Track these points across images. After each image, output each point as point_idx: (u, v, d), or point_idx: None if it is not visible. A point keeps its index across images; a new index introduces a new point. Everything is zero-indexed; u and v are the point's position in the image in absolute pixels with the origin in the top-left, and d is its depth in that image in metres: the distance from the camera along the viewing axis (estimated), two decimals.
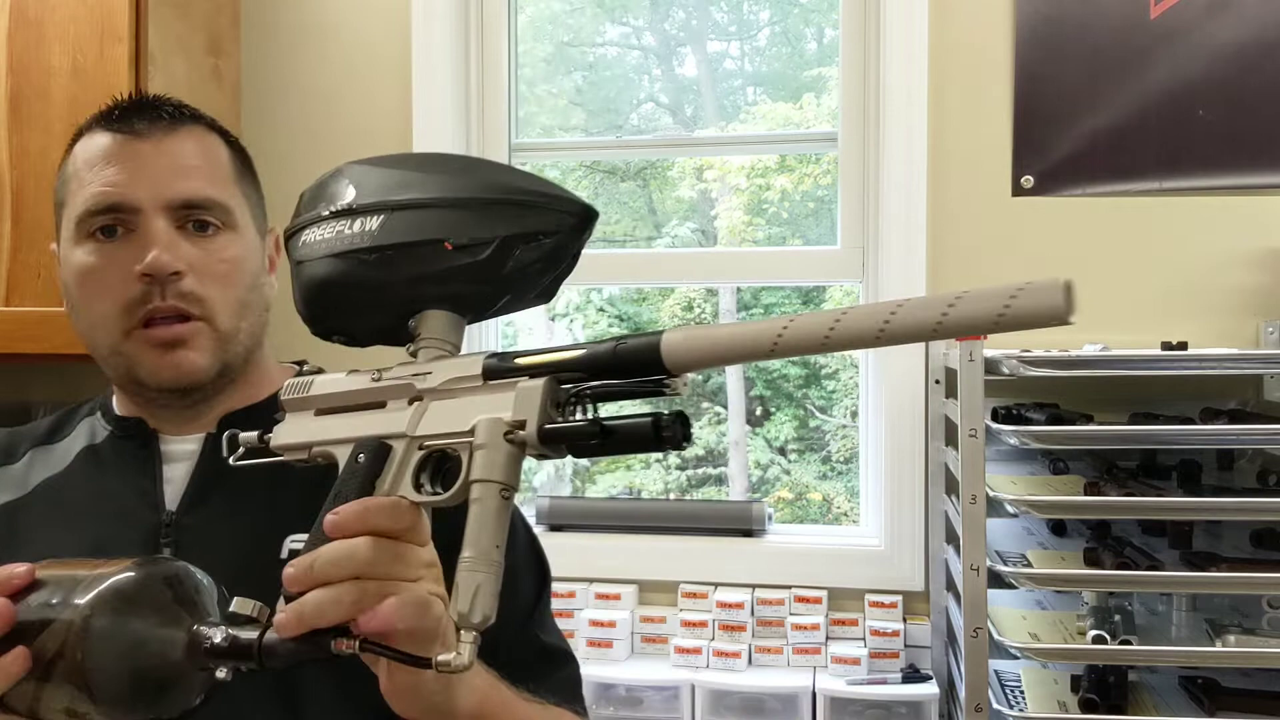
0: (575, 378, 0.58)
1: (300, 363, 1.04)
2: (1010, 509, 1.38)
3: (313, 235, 0.67)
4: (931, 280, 1.76)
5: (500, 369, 0.61)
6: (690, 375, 0.57)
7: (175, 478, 0.90)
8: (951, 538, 1.65)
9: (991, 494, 1.38)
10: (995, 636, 1.38)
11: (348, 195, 0.67)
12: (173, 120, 0.89)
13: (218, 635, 0.63)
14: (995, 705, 1.38)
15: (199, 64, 1.86)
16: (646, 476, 3.14)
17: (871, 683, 1.65)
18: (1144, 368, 1.48)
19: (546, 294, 0.70)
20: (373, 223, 0.65)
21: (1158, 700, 1.42)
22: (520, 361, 0.60)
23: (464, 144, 1.98)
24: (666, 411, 0.55)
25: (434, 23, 1.93)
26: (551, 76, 2.29)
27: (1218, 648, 1.34)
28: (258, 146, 1.99)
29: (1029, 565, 1.42)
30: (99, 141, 0.88)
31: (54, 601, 0.65)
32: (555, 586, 1.01)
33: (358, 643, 0.59)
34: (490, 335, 2.04)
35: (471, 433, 0.59)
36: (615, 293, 3.26)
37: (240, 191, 0.94)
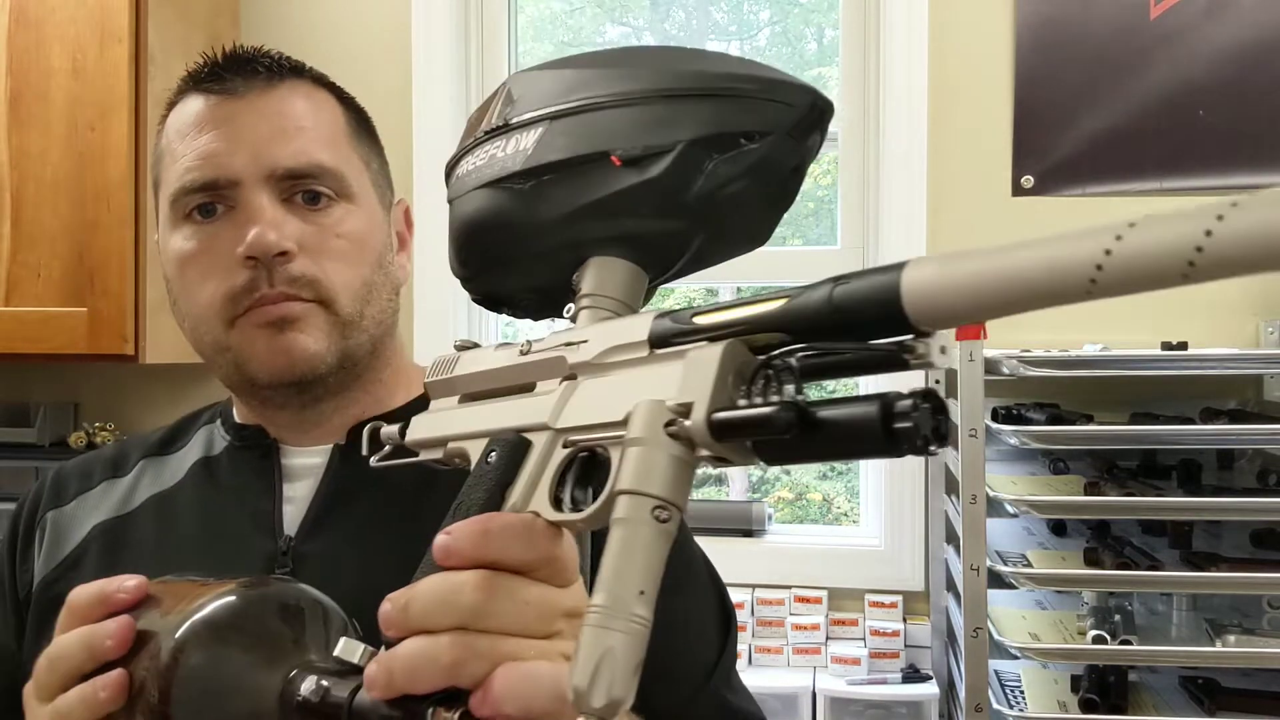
0: (775, 341, 0.39)
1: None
2: (1010, 509, 1.38)
3: (466, 165, 0.52)
4: None
5: (673, 331, 0.42)
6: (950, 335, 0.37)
7: (297, 497, 0.78)
8: (951, 538, 1.65)
9: (991, 494, 1.38)
10: (995, 636, 1.38)
11: (505, 109, 0.51)
12: (271, 74, 0.76)
13: (308, 687, 0.50)
14: (995, 705, 1.37)
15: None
16: None
17: (871, 683, 1.65)
18: (1144, 368, 1.48)
19: (759, 233, 0.51)
20: (528, 139, 0.48)
21: (1158, 700, 1.42)
22: (699, 320, 0.41)
23: None
24: (907, 392, 0.36)
25: (434, 23, 1.93)
26: None
27: (1218, 648, 1.34)
28: None
29: (1029, 565, 1.42)
30: (191, 106, 0.76)
31: (152, 627, 0.54)
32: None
33: (457, 715, 0.43)
34: (491, 336, 2.04)
35: (625, 423, 0.41)
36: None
37: (358, 156, 0.79)
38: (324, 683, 0.50)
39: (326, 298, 0.74)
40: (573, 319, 0.49)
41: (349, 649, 0.49)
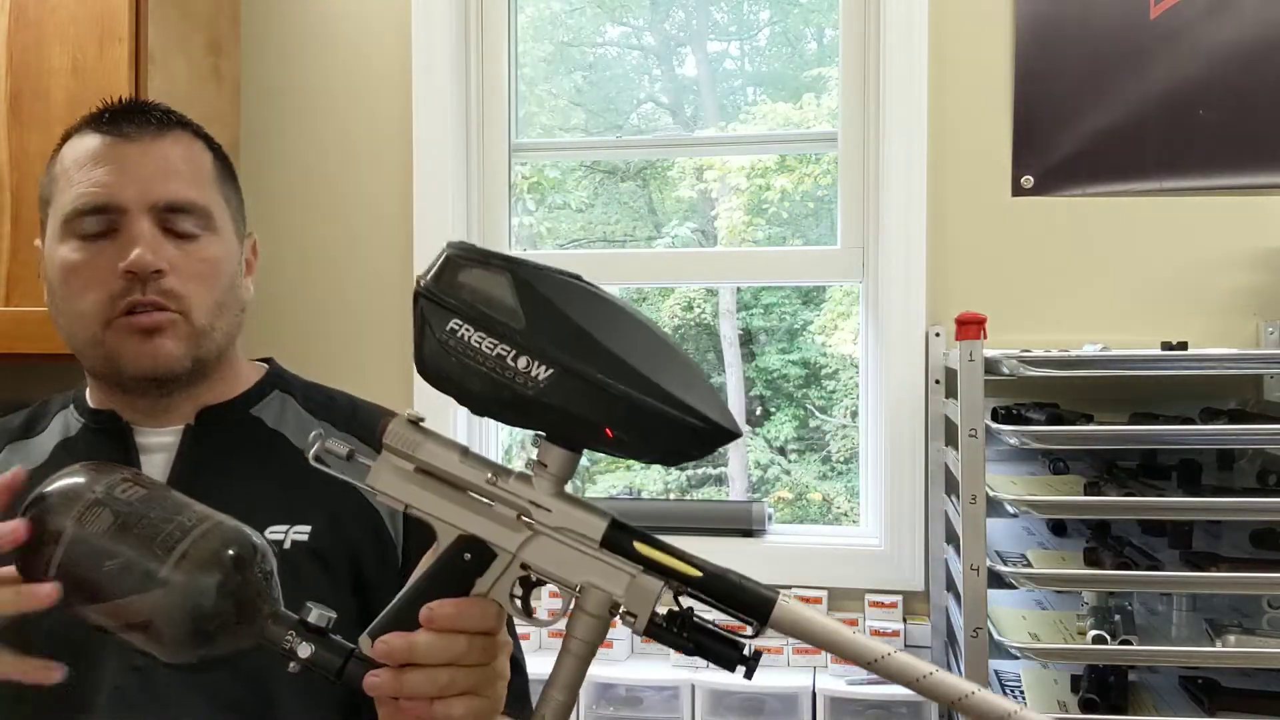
0: (682, 588, 0.66)
1: (267, 360, 1.06)
2: (1010, 509, 1.38)
3: (468, 334, 0.65)
4: (931, 280, 1.76)
5: (620, 548, 0.66)
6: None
7: (152, 470, 0.91)
8: (951, 538, 1.65)
9: (991, 494, 1.38)
10: (995, 636, 1.38)
11: (515, 319, 0.65)
12: (160, 125, 0.92)
13: (304, 650, 0.68)
14: None
15: (199, 64, 1.86)
16: (646, 476, 3.14)
17: (871, 683, 1.65)
18: (1144, 368, 1.48)
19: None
20: (539, 370, 0.64)
21: (1158, 700, 1.42)
22: (641, 550, 0.66)
23: (464, 143, 1.98)
24: (748, 650, 0.66)
25: (434, 23, 1.93)
26: (551, 76, 2.29)
27: (1218, 648, 1.34)
28: (258, 146, 2.00)
29: (1029, 565, 1.42)
30: (88, 143, 0.91)
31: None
32: (554, 587, 0.99)
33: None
34: None
35: (578, 590, 0.66)
36: (614, 292, 3.25)
37: (221, 196, 0.96)
38: (317, 649, 0.68)
39: (186, 310, 0.90)
40: (531, 471, 0.68)
41: (320, 617, 0.69)
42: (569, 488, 0.69)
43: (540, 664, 0.79)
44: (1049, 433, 1.41)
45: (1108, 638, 1.34)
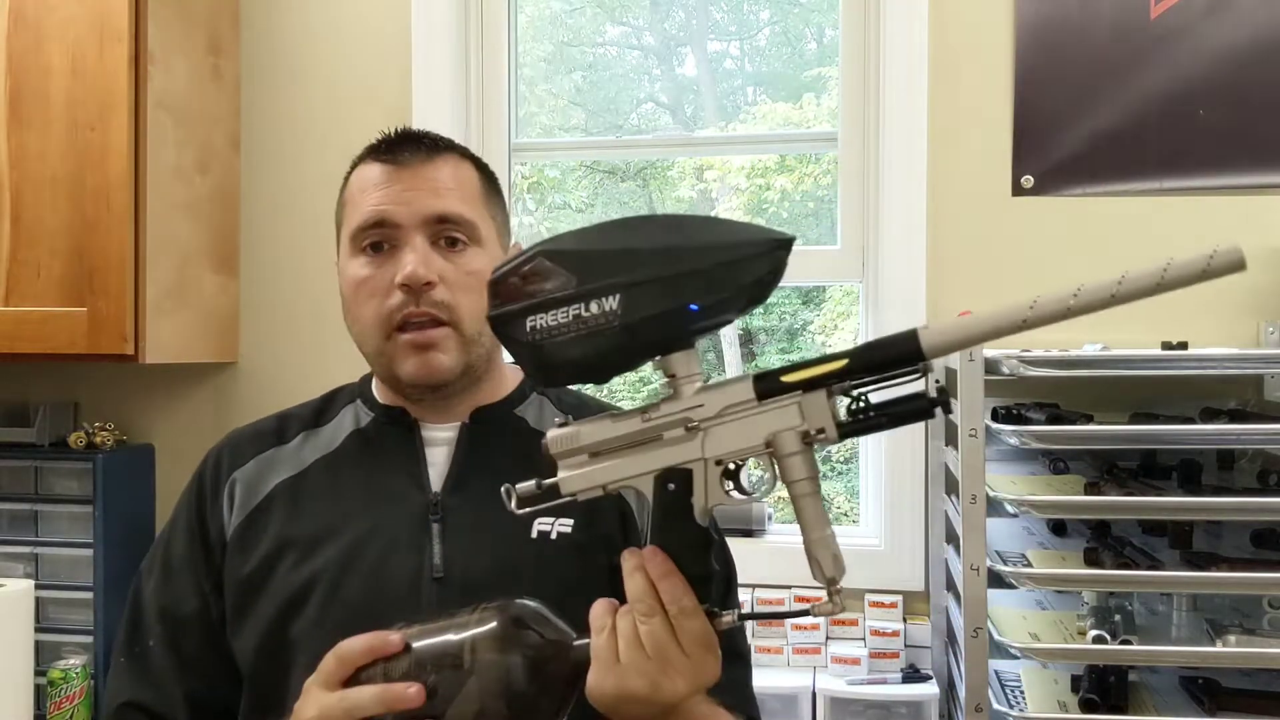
0: (842, 384, 0.72)
1: None
2: (1010, 509, 1.38)
3: (543, 320, 0.75)
4: (931, 280, 1.76)
5: (774, 389, 0.73)
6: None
7: (437, 462, 1.02)
8: (951, 538, 1.65)
9: (991, 494, 1.38)
10: (995, 636, 1.38)
11: (568, 282, 0.75)
12: (431, 149, 1.02)
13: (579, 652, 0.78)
14: (995, 705, 1.37)
15: (199, 64, 1.86)
16: None
17: (871, 683, 1.65)
18: (1144, 368, 1.48)
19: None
20: (609, 302, 0.73)
21: (1158, 700, 1.42)
22: (789, 379, 0.73)
23: (464, 143, 1.97)
24: (932, 388, 0.72)
25: (434, 23, 1.93)
26: (551, 76, 2.29)
27: (1218, 648, 1.34)
28: (258, 146, 2.00)
29: (1029, 565, 1.42)
30: (370, 170, 1.01)
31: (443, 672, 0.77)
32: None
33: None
34: None
35: (767, 445, 0.73)
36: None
37: (487, 212, 1.04)
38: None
39: (456, 320, 0.98)
40: (671, 390, 0.76)
41: (582, 647, 0.77)
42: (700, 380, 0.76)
43: None
44: (1049, 433, 1.41)
45: (1108, 638, 1.34)
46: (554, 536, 0.98)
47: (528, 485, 0.79)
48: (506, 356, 1.15)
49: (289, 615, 0.95)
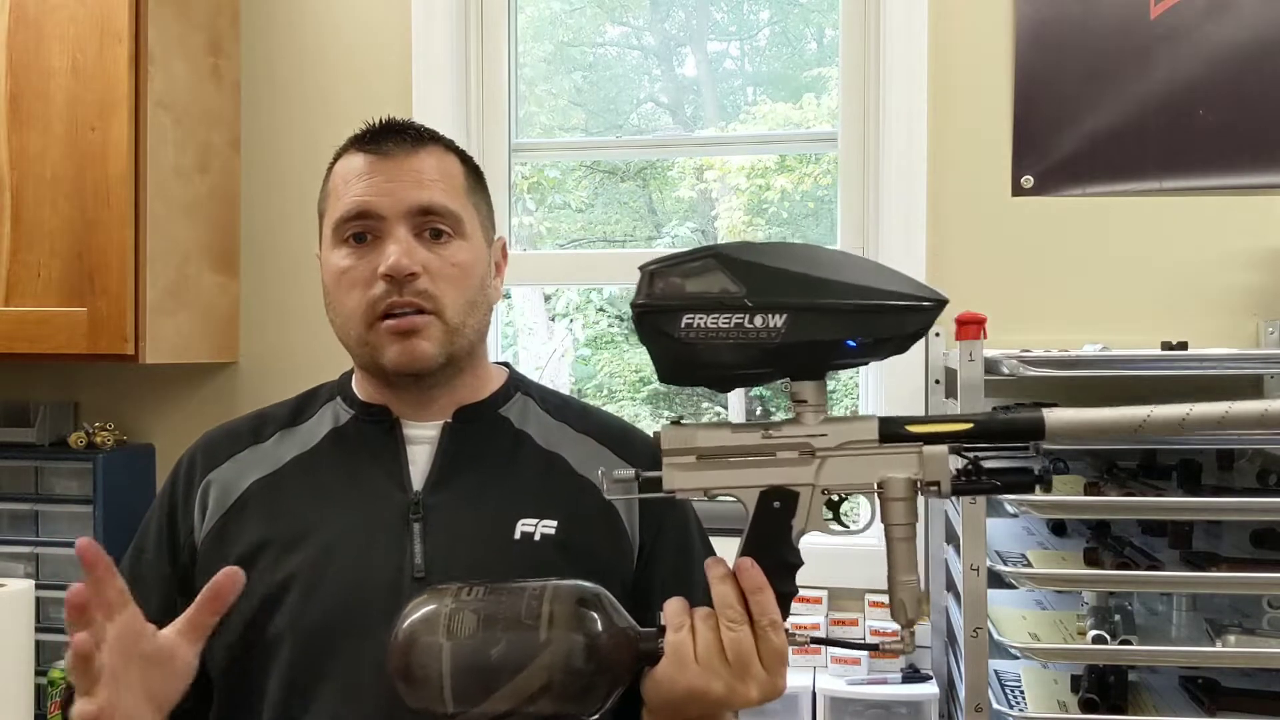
0: (961, 444, 0.76)
1: (504, 363, 1.14)
2: (1010, 509, 1.38)
3: (703, 320, 0.77)
4: (931, 280, 1.76)
5: (898, 435, 0.77)
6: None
7: (419, 461, 1.01)
8: (951, 538, 1.65)
9: None
10: (995, 636, 1.38)
11: (738, 290, 0.76)
12: (415, 141, 1.01)
13: (648, 643, 0.80)
14: (995, 705, 1.37)
15: (199, 64, 1.86)
16: None
17: (871, 683, 1.65)
18: (1144, 368, 1.48)
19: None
20: (775, 320, 0.76)
21: (1158, 700, 1.42)
22: (913, 430, 0.76)
23: (464, 143, 1.97)
24: (1037, 466, 0.75)
25: (434, 23, 1.93)
26: (551, 76, 2.29)
27: (1218, 648, 1.34)
28: (258, 146, 2.00)
29: (1029, 565, 1.42)
30: (354, 160, 1.01)
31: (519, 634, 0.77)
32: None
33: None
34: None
35: (879, 486, 0.77)
36: (615, 292, 3.25)
37: (471, 203, 1.03)
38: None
39: (440, 310, 0.98)
40: (797, 413, 0.79)
41: (649, 639, 0.79)
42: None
43: None
44: None
45: (1108, 638, 1.34)
46: (537, 538, 0.97)
47: (625, 473, 0.81)
48: (491, 355, 1.15)
49: (266, 614, 0.94)
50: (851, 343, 0.75)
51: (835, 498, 0.79)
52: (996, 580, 1.37)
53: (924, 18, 1.76)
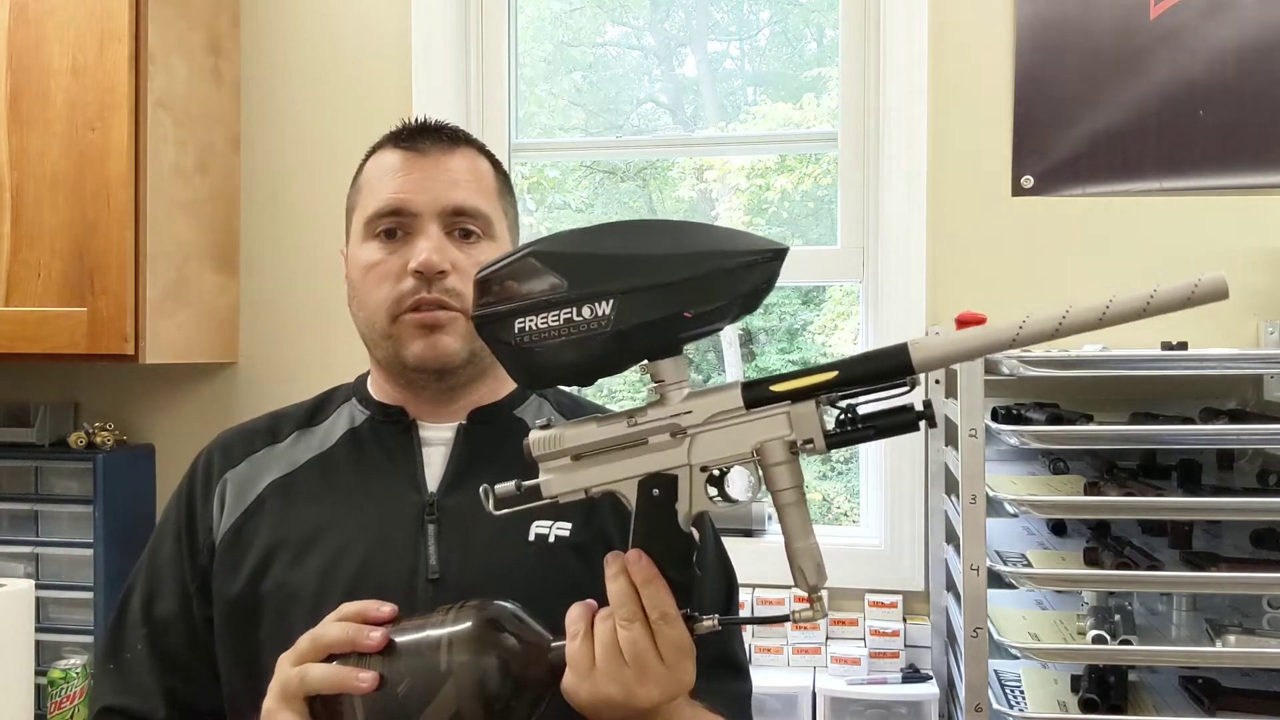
0: (830, 395, 0.72)
1: None
2: (1010, 509, 1.38)
3: (532, 323, 0.75)
4: (931, 280, 1.76)
5: (762, 398, 0.73)
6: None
7: (434, 462, 1.01)
8: (951, 538, 1.65)
9: (991, 494, 1.38)
10: (995, 636, 1.38)
11: (559, 284, 0.75)
12: (450, 142, 1.02)
13: (556, 656, 0.78)
14: (995, 705, 1.37)
15: (199, 64, 1.86)
16: None
17: (871, 683, 1.65)
18: (1144, 368, 1.48)
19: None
20: (602, 308, 0.73)
21: (1158, 700, 1.42)
22: (778, 389, 0.73)
23: None
24: (919, 403, 0.71)
25: (434, 22, 1.93)
26: (551, 76, 2.29)
27: (1218, 648, 1.34)
28: (258, 146, 2.00)
29: (1029, 565, 1.42)
30: (389, 157, 1.01)
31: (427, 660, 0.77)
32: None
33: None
34: None
35: (755, 454, 0.73)
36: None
37: (500, 206, 1.04)
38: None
39: (466, 309, 0.95)
40: (659, 395, 0.76)
41: (559, 649, 0.77)
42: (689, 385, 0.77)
43: None
44: (1049, 433, 1.41)
45: (1108, 638, 1.34)
46: (552, 540, 0.96)
47: (507, 486, 0.78)
48: None
49: (282, 617, 0.94)
50: (687, 314, 0.73)
51: (716, 472, 0.76)
52: (996, 580, 1.37)
53: (924, 18, 1.76)
